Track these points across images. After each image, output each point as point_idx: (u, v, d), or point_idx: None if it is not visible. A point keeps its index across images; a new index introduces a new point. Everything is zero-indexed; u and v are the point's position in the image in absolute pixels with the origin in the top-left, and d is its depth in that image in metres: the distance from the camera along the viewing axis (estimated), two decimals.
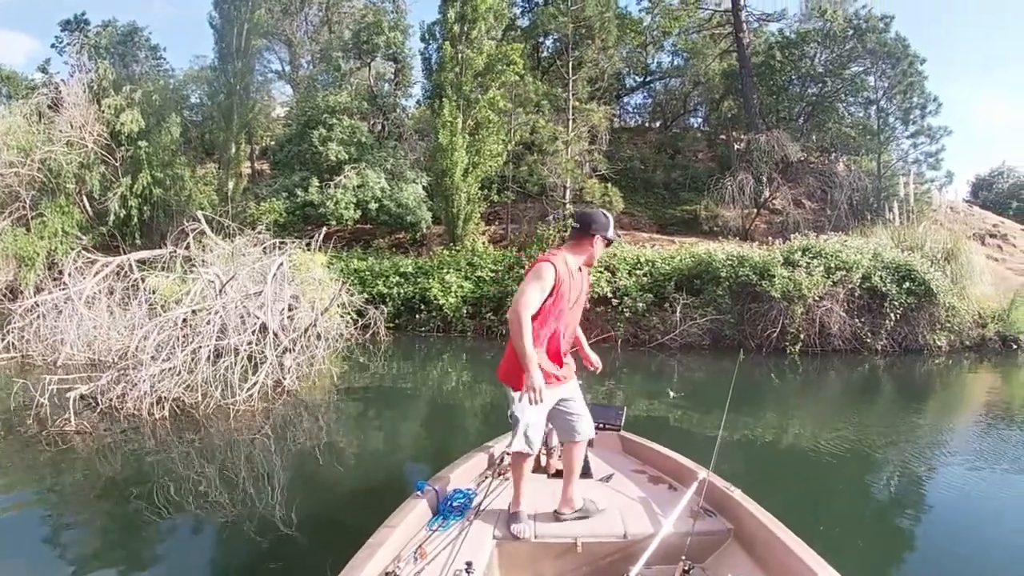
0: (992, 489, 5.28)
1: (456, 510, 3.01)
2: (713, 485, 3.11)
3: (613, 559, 2.84)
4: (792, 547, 2.52)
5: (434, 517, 2.97)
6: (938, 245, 14.03)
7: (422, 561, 2.58)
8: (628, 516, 3.05)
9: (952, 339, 12.79)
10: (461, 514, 2.99)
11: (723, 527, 2.96)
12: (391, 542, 2.62)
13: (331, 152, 18.01)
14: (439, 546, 2.70)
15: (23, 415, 6.32)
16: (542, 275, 2.86)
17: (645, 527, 2.93)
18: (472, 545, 2.73)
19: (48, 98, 18.45)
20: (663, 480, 3.53)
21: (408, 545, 2.70)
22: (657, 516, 3.03)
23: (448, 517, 2.95)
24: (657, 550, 2.56)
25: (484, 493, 3.19)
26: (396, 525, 2.74)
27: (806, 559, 2.42)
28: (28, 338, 9.63)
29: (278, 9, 24.47)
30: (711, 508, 3.06)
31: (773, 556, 2.61)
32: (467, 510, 3.02)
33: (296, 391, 7.77)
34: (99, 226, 17.70)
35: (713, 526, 2.96)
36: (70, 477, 5.08)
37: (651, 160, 24.58)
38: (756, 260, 12.68)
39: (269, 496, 4.73)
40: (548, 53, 24.03)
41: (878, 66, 20.36)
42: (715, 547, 2.90)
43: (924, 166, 20.80)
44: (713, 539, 2.91)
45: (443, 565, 2.57)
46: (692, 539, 2.73)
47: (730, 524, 2.96)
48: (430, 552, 2.64)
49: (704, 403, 8.46)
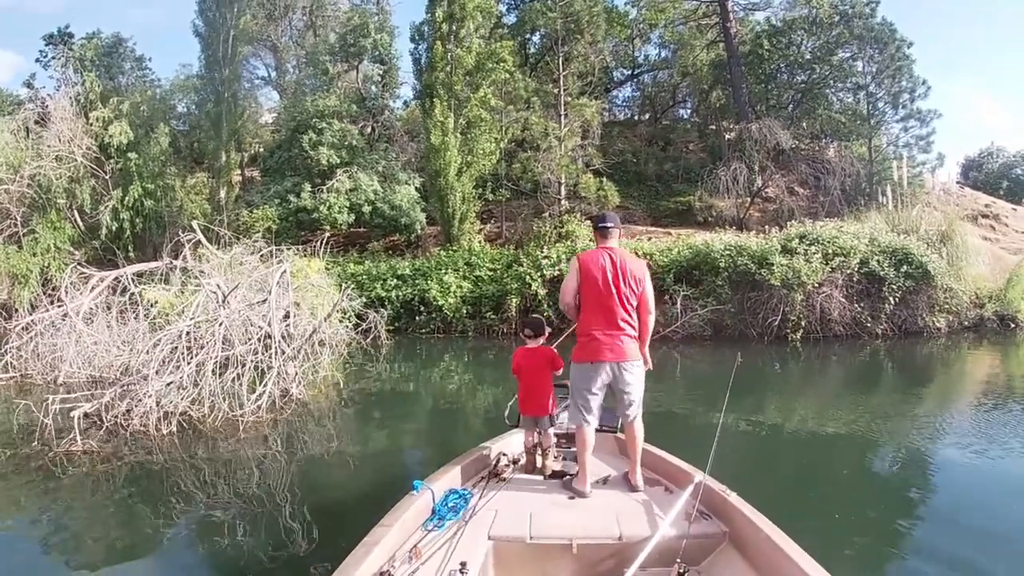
0: (996, 474, 5.26)
1: (451, 510, 3.01)
2: (709, 488, 3.10)
3: (608, 561, 2.83)
4: (787, 551, 2.51)
5: (429, 517, 2.96)
6: (933, 227, 14.13)
7: (417, 561, 2.57)
8: (624, 518, 3.03)
9: (951, 320, 12.89)
10: (456, 514, 2.98)
11: (719, 530, 2.94)
12: (386, 542, 2.60)
13: (322, 156, 17.95)
14: (434, 546, 2.70)
15: (27, 436, 6.23)
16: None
17: (641, 529, 2.91)
18: (467, 545, 2.73)
19: (35, 113, 18.25)
20: (659, 482, 3.50)
21: (403, 545, 2.69)
22: (653, 518, 3.01)
23: (443, 517, 2.95)
24: (652, 552, 2.55)
25: (480, 494, 3.19)
26: (391, 525, 2.73)
27: (801, 563, 2.41)
28: (26, 357, 9.51)
29: (262, 15, 24.35)
30: (707, 511, 3.04)
31: (768, 559, 2.59)
32: (462, 510, 3.02)
33: (303, 399, 7.73)
34: (91, 240, 17.53)
35: (709, 529, 2.94)
36: (80, 499, 5.01)
37: (643, 153, 24.59)
38: (754, 249, 12.72)
39: (275, 505, 4.70)
40: (535, 49, 24.00)
41: (866, 51, 20.46)
42: (710, 550, 2.88)
43: (915, 149, 20.98)
44: (709, 542, 2.89)
45: (438, 565, 2.57)
46: (688, 542, 2.73)
47: (726, 527, 2.94)
48: (425, 552, 2.63)
49: (705, 397, 8.47)
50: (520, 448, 3.89)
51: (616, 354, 3.39)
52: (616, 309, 3.40)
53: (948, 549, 3.74)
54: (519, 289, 14.11)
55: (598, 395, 3.45)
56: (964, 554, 3.65)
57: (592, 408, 3.45)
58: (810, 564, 2.40)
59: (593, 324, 3.43)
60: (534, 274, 14.05)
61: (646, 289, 3.50)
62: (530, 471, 3.70)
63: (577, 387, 3.49)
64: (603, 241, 3.58)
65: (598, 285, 3.40)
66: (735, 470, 3.51)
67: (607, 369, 3.40)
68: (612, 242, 3.57)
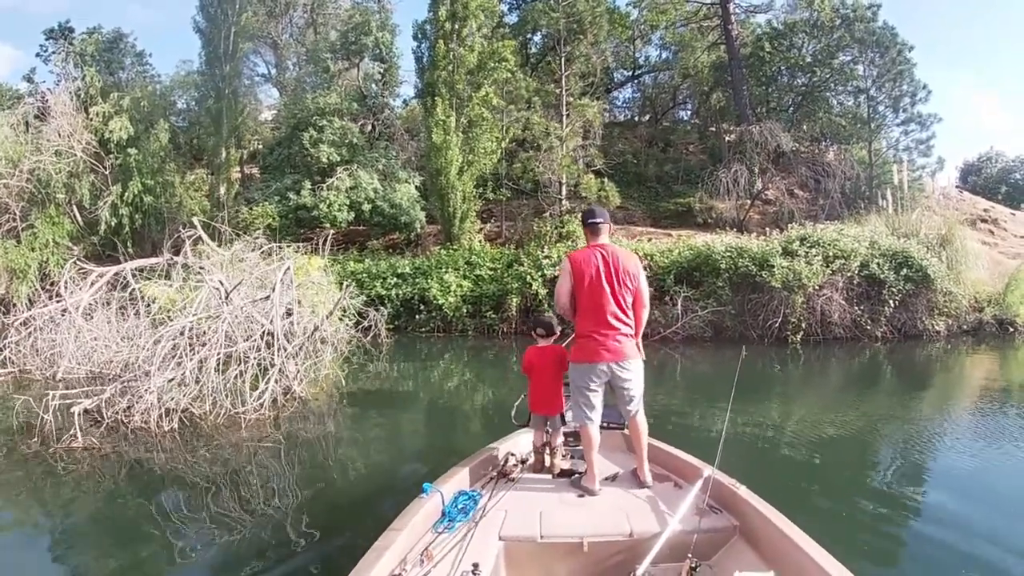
0: (998, 471, 5.30)
1: (461, 512, 3.01)
2: (718, 482, 3.10)
3: (619, 558, 2.82)
4: (799, 542, 2.51)
5: (440, 519, 2.95)
6: (933, 231, 14.17)
7: (428, 563, 2.57)
8: (634, 515, 3.03)
9: (950, 324, 12.92)
10: (467, 516, 2.98)
11: (729, 524, 2.94)
12: (397, 545, 2.60)
13: (322, 154, 17.91)
14: (445, 548, 2.69)
15: (26, 433, 6.19)
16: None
17: (651, 525, 2.92)
18: (478, 546, 2.72)
19: (35, 108, 18.18)
20: (668, 478, 3.51)
21: (414, 548, 2.68)
22: (663, 514, 3.02)
23: (454, 519, 2.95)
24: (663, 548, 2.56)
25: (489, 494, 3.18)
26: (402, 528, 2.73)
27: (813, 554, 2.41)
28: (25, 352, 9.46)
29: (263, 12, 24.23)
30: (717, 505, 3.05)
31: (780, 552, 2.60)
32: (472, 512, 3.01)
33: (306, 398, 7.70)
34: (90, 236, 17.44)
35: (719, 523, 2.95)
36: (81, 496, 4.97)
37: (643, 154, 24.62)
38: (755, 251, 12.73)
39: (278, 504, 4.68)
40: (537, 49, 23.99)
41: (867, 55, 20.49)
42: (721, 544, 2.89)
43: (915, 153, 21.04)
44: (719, 536, 2.90)
45: (450, 567, 2.56)
46: (698, 536, 2.72)
47: (736, 521, 2.94)
48: (436, 554, 2.62)
49: (708, 397, 8.46)
50: (528, 448, 3.90)
51: (613, 354, 3.40)
52: (611, 307, 3.39)
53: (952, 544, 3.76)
54: (520, 289, 14.09)
55: (598, 392, 3.47)
56: (967, 549, 3.67)
57: (594, 406, 3.46)
58: (822, 555, 2.40)
59: (589, 324, 3.43)
60: (535, 274, 14.04)
61: (640, 284, 3.49)
62: (539, 470, 3.70)
63: (577, 386, 3.51)
64: (593, 238, 3.55)
65: (591, 285, 3.39)
66: (741, 467, 3.51)
67: (605, 369, 3.42)
68: (603, 238, 3.54)
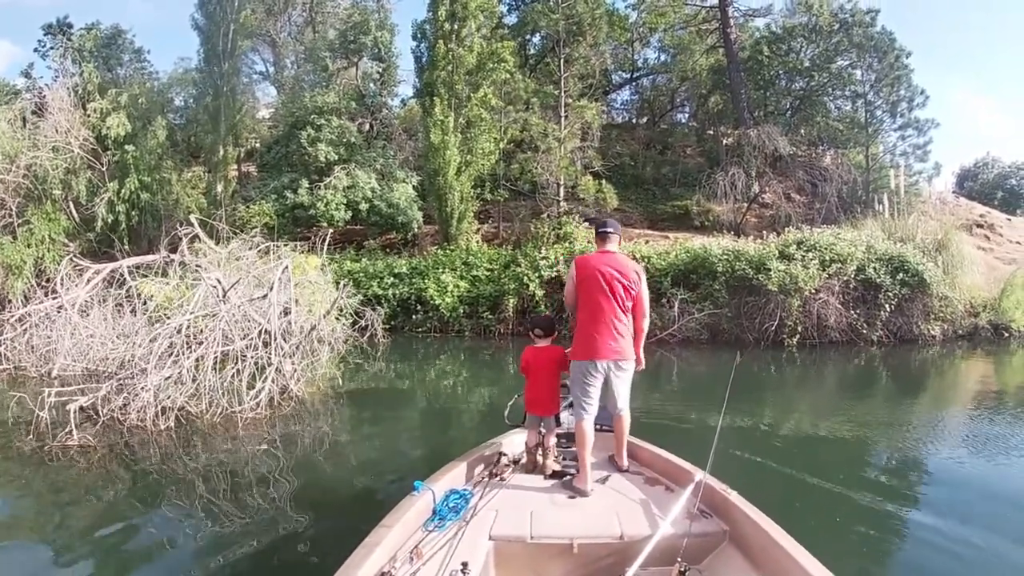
0: (988, 476, 5.33)
1: (452, 510, 3.01)
2: (710, 487, 3.10)
3: (609, 560, 2.82)
4: (788, 549, 2.51)
5: (430, 517, 2.96)
6: (929, 236, 14.23)
7: (418, 561, 2.57)
8: (625, 517, 3.03)
9: (945, 328, 12.98)
10: (457, 514, 2.98)
11: (719, 529, 2.94)
12: (387, 542, 2.60)
13: (320, 153, 17.89)
14: (435, 546, 2.69)
15: (21, 430, 6.17)
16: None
17: (642, 528, 2.91)
18: (468, 545, 2.73)
19: (32, 103, 18.09)
20: (660, 482, 3.51)
21: (404, 545, 2.68)
22: (654, 517, 3.01)
23: (444, 517, 2.95)
24: (653, 551, 2.55)
25: (480, 494, 3.19)
26: (392, 525, 2.72)
27: (802, 561, 2.41)
28: (20, 349, 9.44)
29: (261, 10, 24.20)
30: (708, 510, 3.05)
31: (769, 558, 2.60)
32: (463, 510, 3.02)
33: (302, 397, 7.69)
34: (86, 232, 17.37)
35: (709, 528, 2.94)
36: (76, 494, 4.96)
37: (641, 156, 24.66)
38: (752, 254, 12.77)
39: (272, 501, 4.68)
40: (535, 50, 24.00)
41: (864, 60, 20.52)
42: (711, 548, 2.89)
43: (912, 158, 21.03)
44: (709, 541, 2.89)
45: (439, 565, 2.57)
46: (688, 540, 2.73)
47: (726, 526, 2.94)
48: (426, 552, 2.63)
49: (703, 400, 8.47)
50: (520, 448, 3.89)
51: (612, 353, 3.55)
52: (611, 310, 3.55)
53: (945, 548, 3.77)
54: (516, 290, 14.09)
55: (596, 388, 3.59)
56: (959, 556, 3.68)
57: (592, 400, 3.57)
58: (811, 562, 2.40)
59: (589, 324, 3.58)
60: (532, 275, 14.04)
61: (641, 291, 3.65)
62: (531, 470, 3.70)
63: (576, 382, 3.63)
64: (602, 245, 3.73)
65: (594, 287, 3.57)
66: (734, 470, 3.52)
67: (603, 366, 3.56)
68: (611, 246, 3.72)
